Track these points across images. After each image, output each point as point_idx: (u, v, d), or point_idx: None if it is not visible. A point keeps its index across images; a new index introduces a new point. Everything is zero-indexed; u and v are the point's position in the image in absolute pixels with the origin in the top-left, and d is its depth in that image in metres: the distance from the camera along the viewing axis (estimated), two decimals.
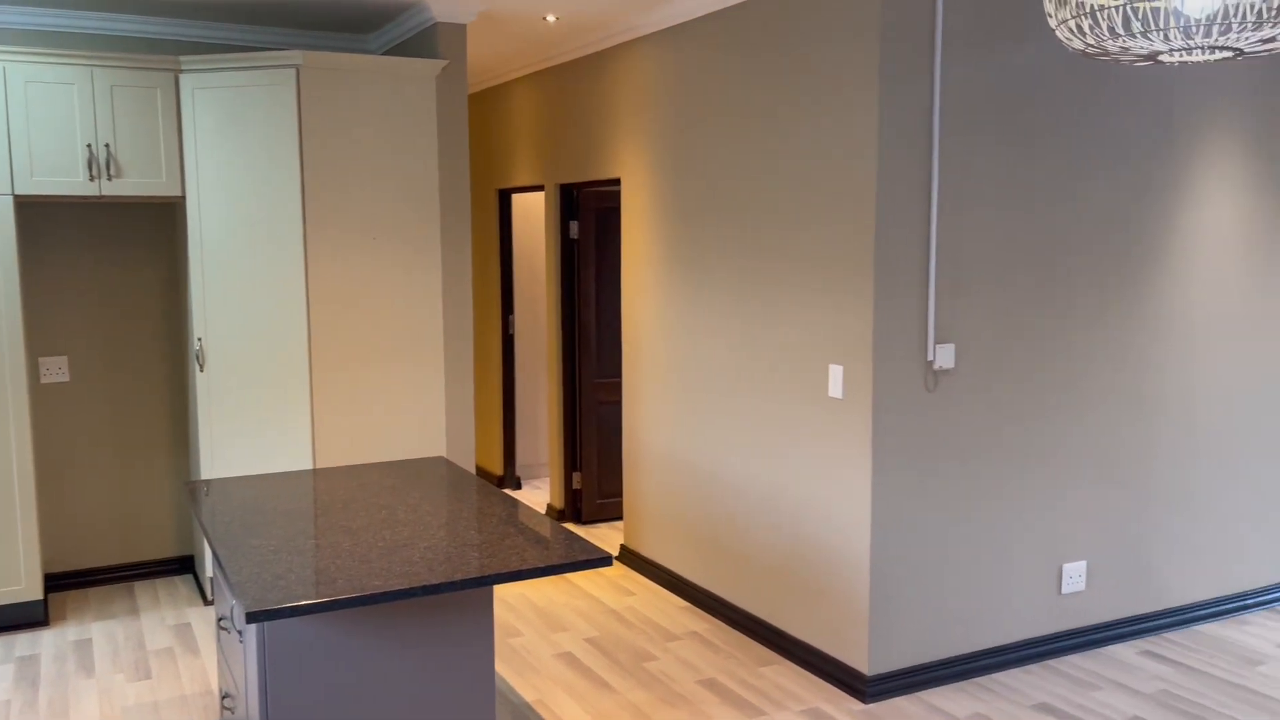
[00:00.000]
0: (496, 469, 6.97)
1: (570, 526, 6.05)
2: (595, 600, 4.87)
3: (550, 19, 4.90)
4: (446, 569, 2.52)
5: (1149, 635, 4.41)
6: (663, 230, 4.94)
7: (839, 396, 3.85)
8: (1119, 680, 3.97)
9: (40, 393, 5.00)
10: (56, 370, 5.00)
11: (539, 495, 6.74)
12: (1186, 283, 4.35)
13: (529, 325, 7.13)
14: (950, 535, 3.92)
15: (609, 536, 5.87)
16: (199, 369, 4.53)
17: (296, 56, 4.35)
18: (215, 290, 4.50)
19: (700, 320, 4.68)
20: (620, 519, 6.17)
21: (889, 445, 3.75)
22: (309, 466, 4.56)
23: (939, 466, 3.87)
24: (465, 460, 4.84)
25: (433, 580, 2.44)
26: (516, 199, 7.00)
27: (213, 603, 4.39)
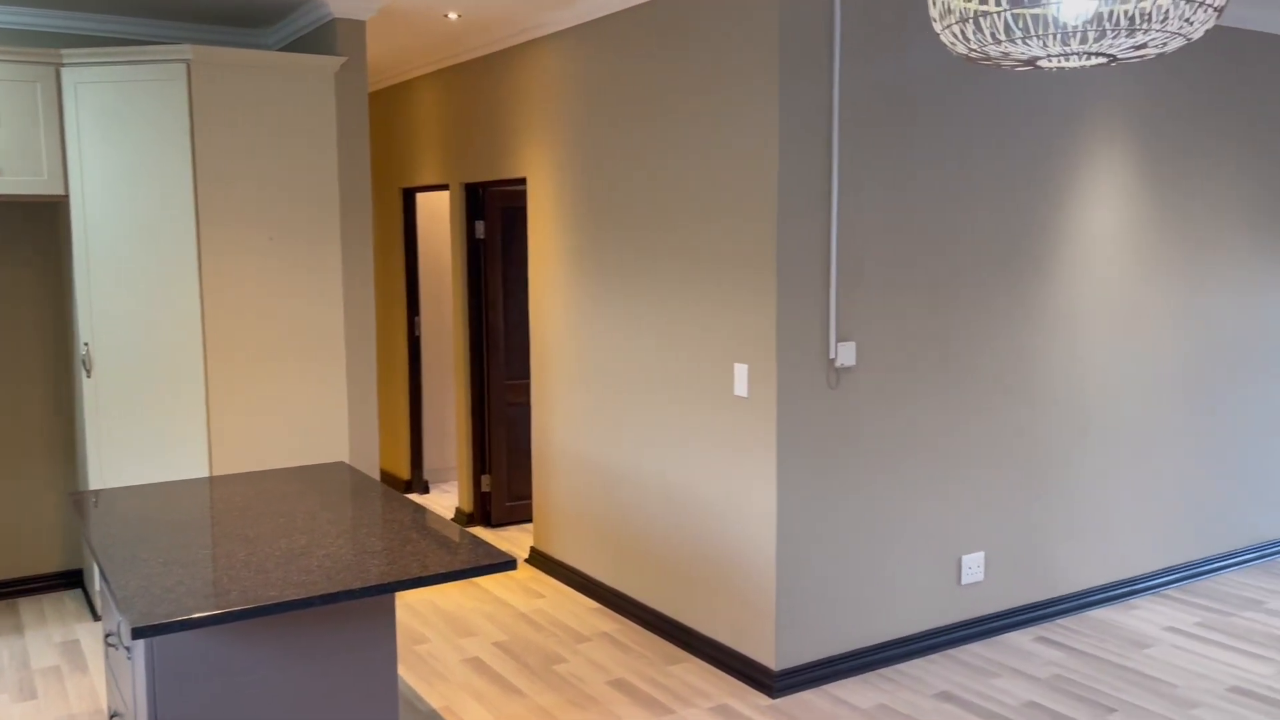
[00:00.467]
0: (403, 473, 6.86)
1: (479, 530, 5.99)
2: (504, 604, 4.83)
3: (452, 16, 4.84)
4: (345, 577, 2.46)
5: (1044, 622, 4.55)
6: (570, 229, 4.92)
7: (744, 395, 3.89)
8: (1016, 667, 4.09)
9: None
10: None
11: (447, 499, 6.66)
12: (1073, 279, 4.51)
13: (436, 327, 7.03)
14: (853, 530, 3.99)
15: (519, 539, 5.82)
16: (85, 375, 4.35)
17: (186, 51, 4.21)
18: (103, 293, 4.33)
19: (608, 320, 4.67)
20: (530, 521, 6.13)
21: (793, 442, 3.80)
22: (204, 474, 4.41)
23: (842, 462, 3.93)
24: (369, 465, 4.74)
25: (331, 589, 2.38)
26: (421, 198, 6.90)
27: (102, 618, 4.23)
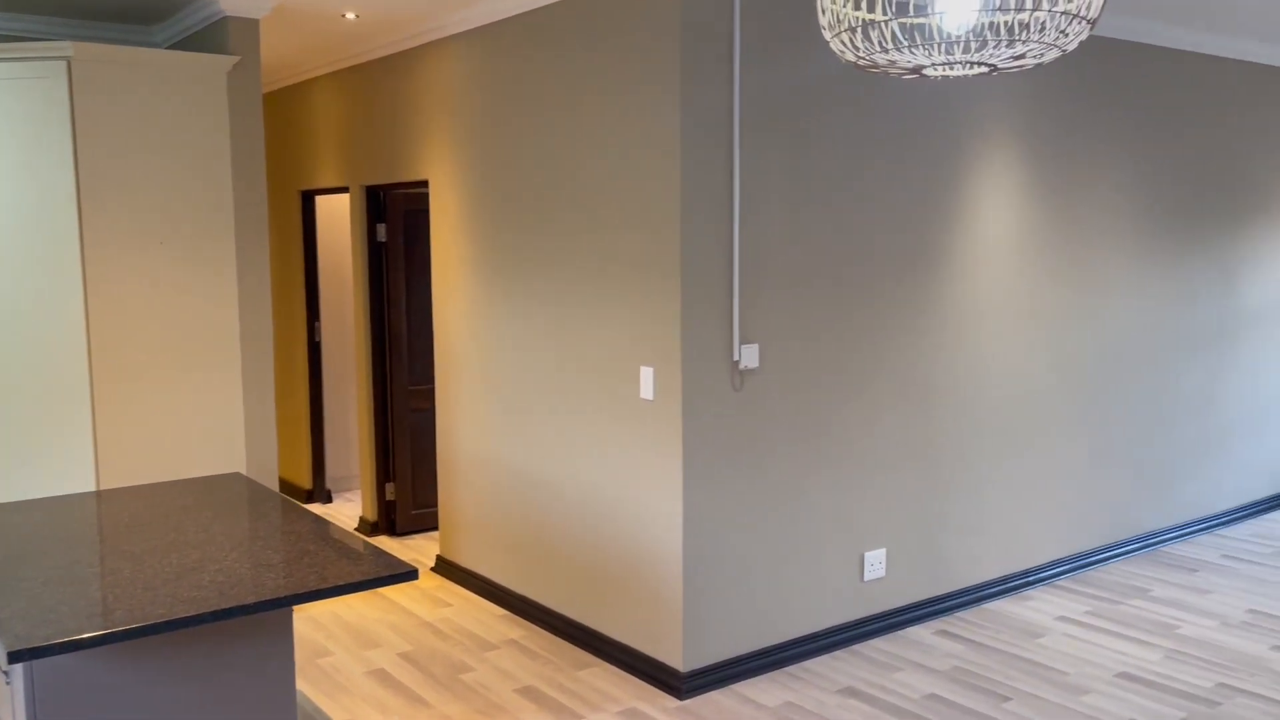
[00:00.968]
0: (305, 482, 6.69)
1: (384, 539, 5.88)
2: (410, 614, 4.75)
3: (350, 16, 4.75)
4: (239, 592, 2.39)
5: (944, 615, 4.67)
6: (473, 232, 4.87)
7: (650, 398, 3.90)
8: (917, 660, 4.19)
9: None
10: None
11: (351, 508, 6.52)
12: (968, 280, 4.64)
13: (337, 332, 6.89)
14: (759, 529, 4.03)
15: (425, 547, 5.74)
16: None
17: (66, 48, 4.04)
18: None
19: (514, 323, 4.64)
20: (436, 529, 6.04)
21: (699, 444, 3.83)
22: (91, 488, 4.24)
23: (747, 463, 3.97)
24: (267, 475, 4.62)
25: (223, 605, 2.31)
26: (321, 201, 6.75)
27: None
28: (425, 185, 5.31)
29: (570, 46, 4.16)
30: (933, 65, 1.69)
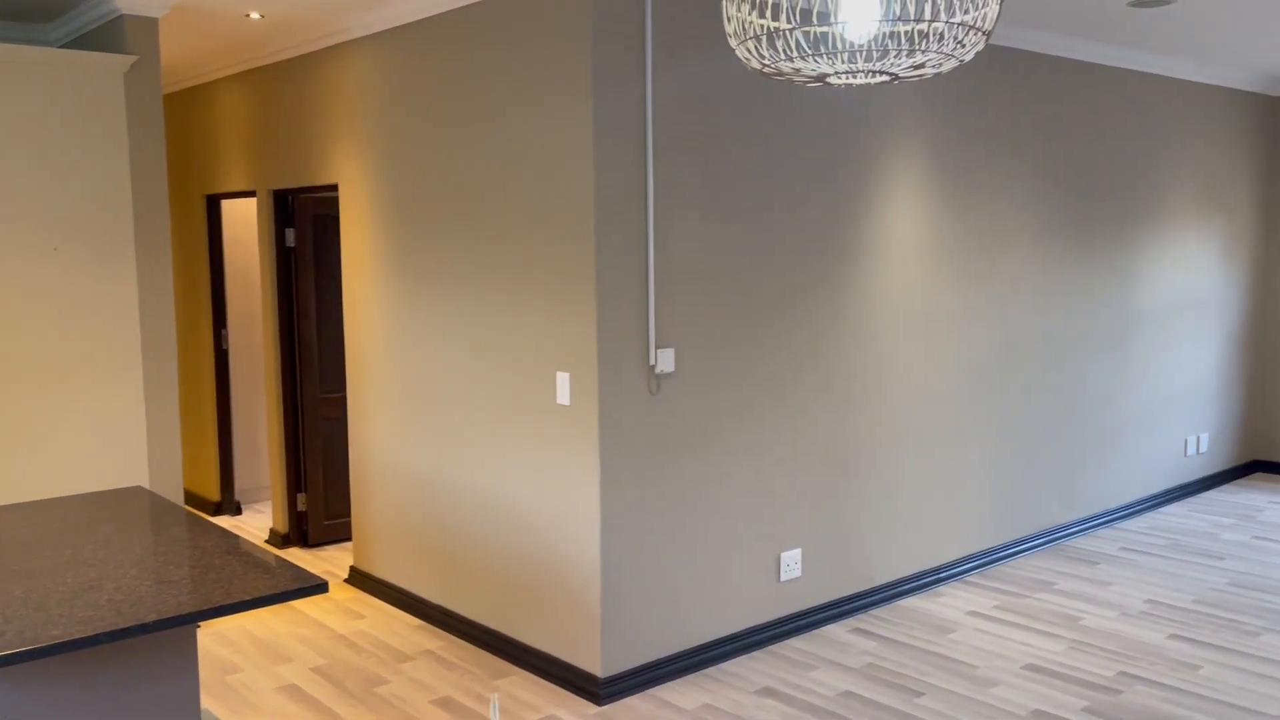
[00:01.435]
0: (213, 495, 6.51)
1: (296, 551, 5.75)
2: (323, 627, 4.64)
3: (254, 16, 4.63)
4: (139, 610, 2.30)
5: (859, 613, 4.75)
6: (385, 237, 4.80)
7: (566, 403, 3.88)
8: (832, 658, 4.25)
9: None
10: None
11: (261, 520, 6.36)
12: (879, 283, 4.73)
13: (245, 339, 6.71)
14: (676, 533, 4.05)
15: (338, 558, 5.62)
16: None
17: None
18: None
19: (427, 330, 4.58)
20: (350, 539, 5.93)
21: (616, 449, 3.82)
22: None
23: (664, 467, 3.98)
24: (171, 488, 4.47)
25: (122, 624, 2.22)
26: (227, 205, 6.58)
27: None
28: (335, 189, 5.21)
29: (482, 50, 4.13)
30: (836, 74, 1.72)
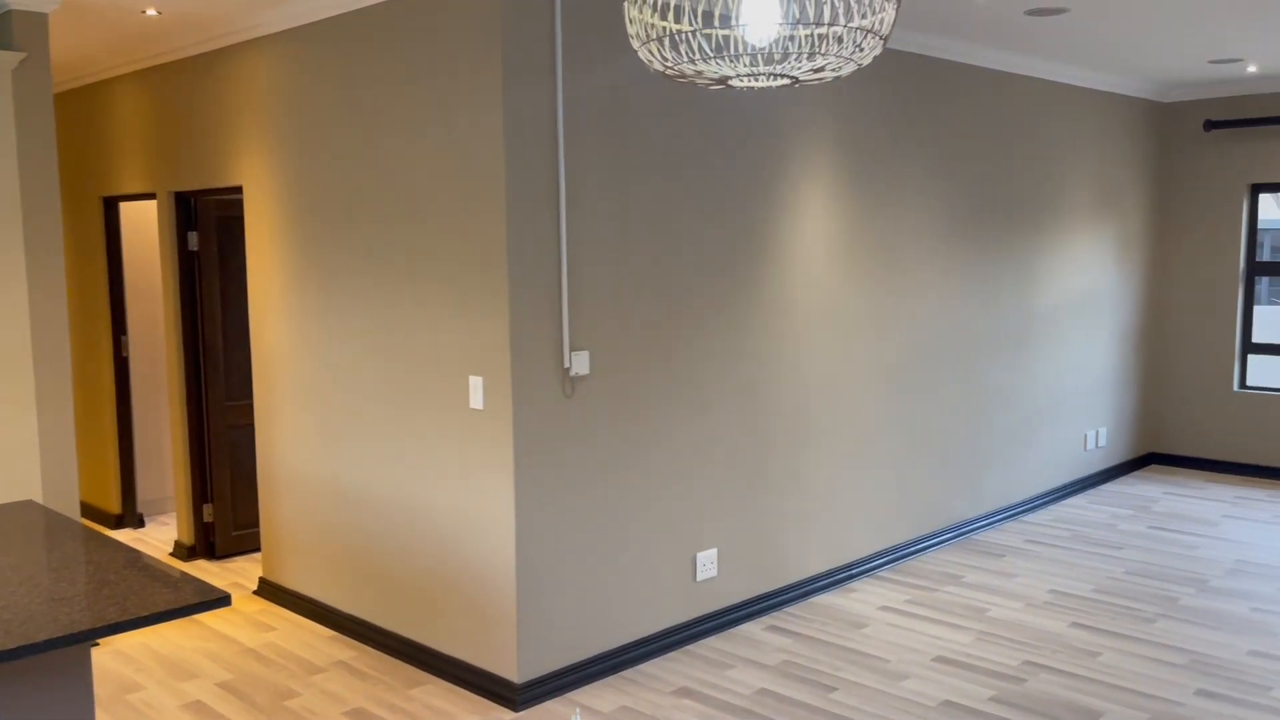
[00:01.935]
0: (113, 507, 6.28)
1: (202, 563, 5.59)
2: (230, 640, 4.52)
3: (151, 13, 4.49)
4: (28, 629, 2.21)
5: (774, 611, 4.80)
6: (292, 239, 4.69)
7: (480, 407, 3.85)
8: (748, 657, 4.29)
9: None
10: None
11: (165, 532, 6.16)
12: (789, 284, 4.79)
13: (147, 346, 6.50)
14: (592, 536, 4.04)
15: (247, 570, 5.48)
16: None
17: None
18: None
19: (337, 334, 4.49)
20: (259, 550, 5.78)
21: (530, 453, 3.80)
22: None
23: (579, 470, 3.97)
24: (66, 501, 4.30)
25: (8, 645, 2.13)
26: (126, 208, 6.36)
27: None
28: (239, 191, 5.08)
29: (390, 47, 4.06)
30: (738, 76, 1.74)
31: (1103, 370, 7.07)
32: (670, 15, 1.62)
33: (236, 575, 5.39)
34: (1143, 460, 7.67)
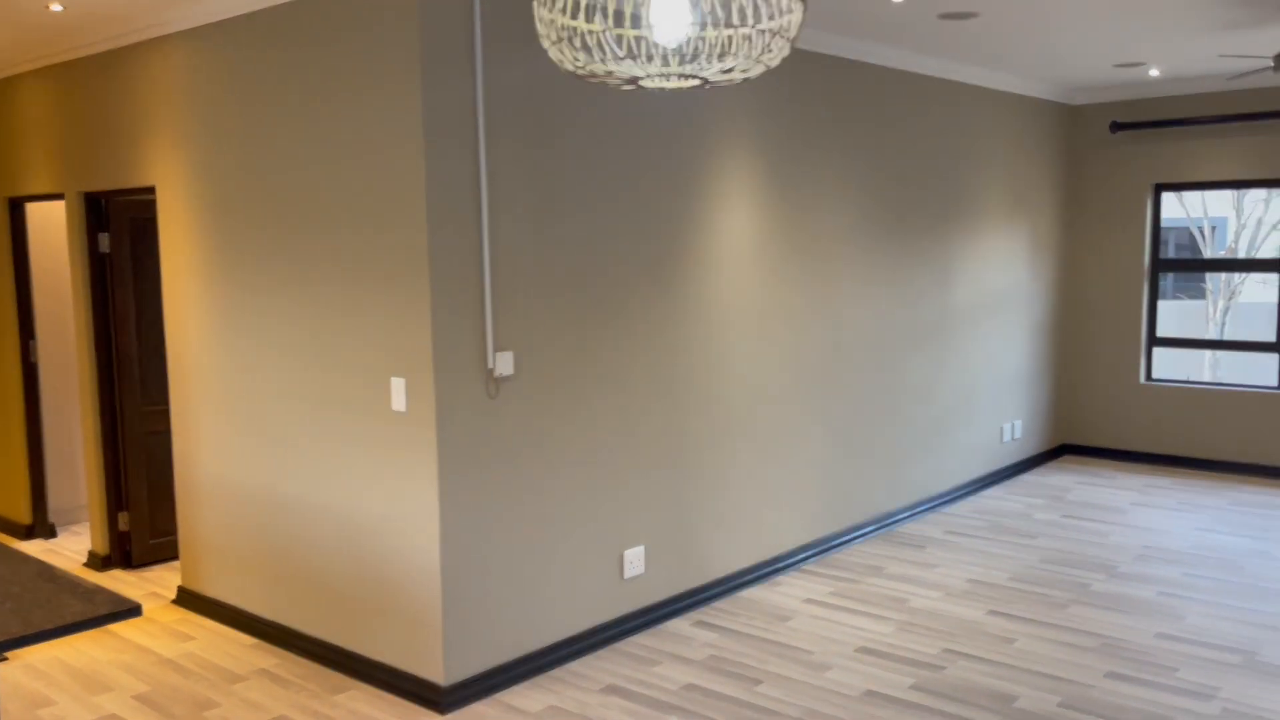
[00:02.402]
0: (23, 517, 6.08)
1: (118, 573, 5.44)
2: (147, 652, 4.41)
3: (56, 8, 4.36)
4: None
5: (701, 606, 4.85)
6: (208, 240, 4.59)
7: (402, 410, 3.81)
8: (676, 652, 4.32)
9: None
10: None
11: (79, 542, 5.99)
12: (713, 282, 4.84)
13: (57, 351, 6.30)
14: (519, 536, 4.03)
15: (165, 579, 5.35)
16: None
17: None
18: None
19: (256, 336, 4.41)
20: (178, 558, 5.64)
21: (454, 454, 3.78)
22: None
23: (504, 471, 3.96)
24: None
25: None
26: (33, 209, 6.16)
27: None
28: (152, 191, 4.96)
29: (306, 44, 4.01)
30: (649, 77, 1.76)
31: (1018, 364, 7.27)
32: (581, 15, 1.63)
33: (154, 584, 5.26)
34: (1057, 451, 7.90)
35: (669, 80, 1.77)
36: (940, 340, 6.41)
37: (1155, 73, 6.71)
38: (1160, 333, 7.73)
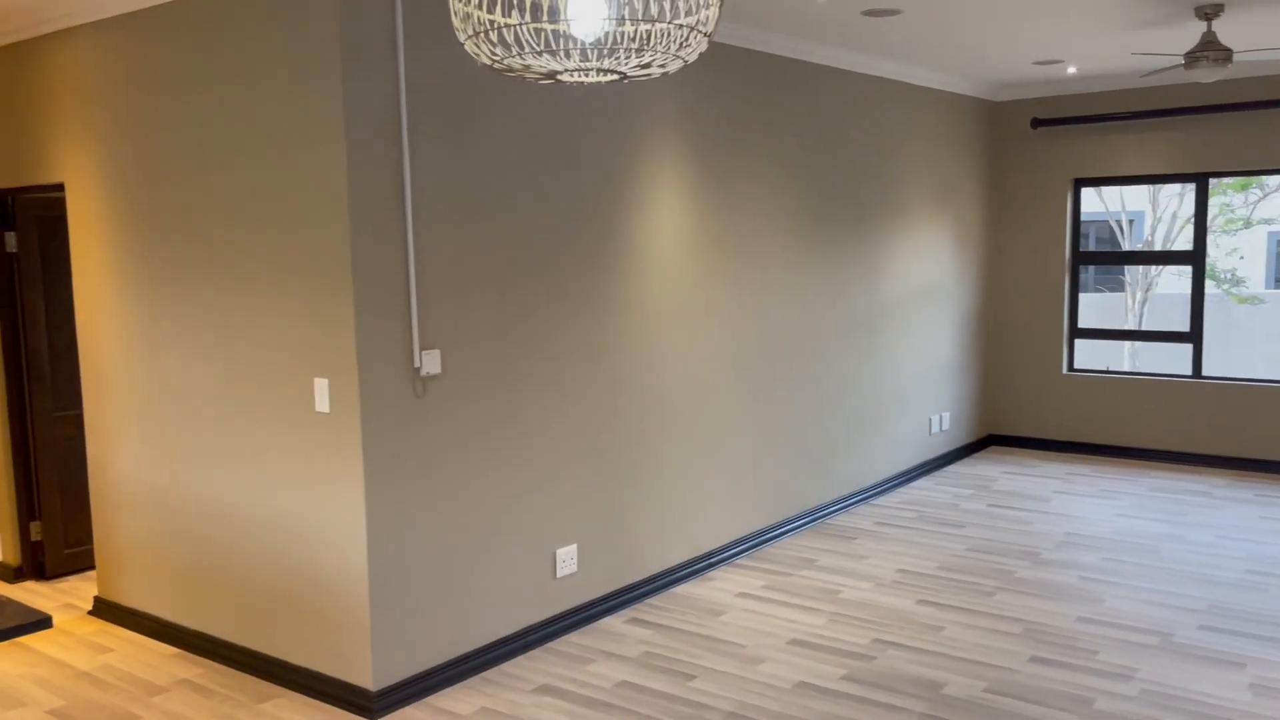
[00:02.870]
0: None
1: (31, 585, 5.25)
2: (62, 665, 4.26)
3: None
4: None
5: (635, 603, 4.84)
6: (122, 239, 4.45)
7: (326, 410, 3.74)
8: (609, 650, 4.31)
9: None
10: None
11: None
12: (642, 278, 4.83)
13: None
14: (448, 537, 3.98)
15: (81, 589, 5.18)
16: None
17: None
18: None
19: (174, 338, 4.28)
20: (95, 568, 5.47)
21: (381, 455, 3.71)
22: None
23: (432, 472, 3.90)
24: None
25: None
26: None
27: None
28: (62, 189, 4.78)
29: (221, 34, 3.90)
30: (567, 71, 1.74)
31: (945, 357, 7.40)
32: (498, 9, 1.60)
33: (69, 595, 5.09)
34: (983, 442, 8.06)
35: (587, 75, 1.75)
36: (869, 334, 6.48)
37: (1073, 70, 6.87)
38: (1081, 324, 7.93)
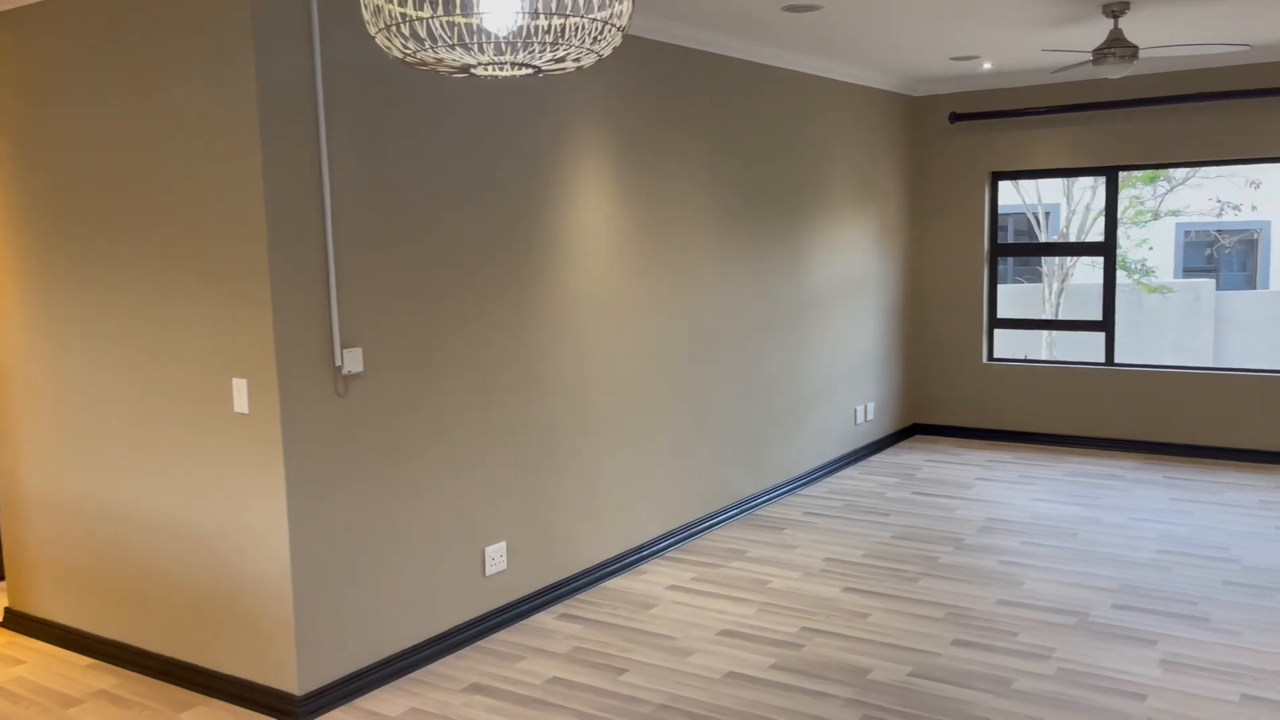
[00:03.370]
0: None
1: None
2: None
3: None
4: None
5: (566, 599, 4.83)
6: (23, 237, 4.30)
7: (245, 411, 3.66)
8: (540, 646, 4.29)
9: None
10: None
11: None
12: (569, 273, 4.81)
13: None
14: (374, 537, 3.93)
15: None
16: None
17: None
18: None
19: (82, 338, 4.15)
20: (3, 579, 5.28)
21: (302, 456, 3.65)
22: None
23: (356, 471, 3.85)
24: None
25: None
26: None
27: None
28: None
29: (128, 24, 3.78)
30: (480, 65, 1.72)
31: (870, 348, 7.52)
32: (409, 2, 1.58)
33: None
34: (908, 431, 8.21)
35: (501, 69, 1.74)
36: (795, 326, 6.56)
37: (988, 66, 7.03)
38: (1001, 314, 8.12)
